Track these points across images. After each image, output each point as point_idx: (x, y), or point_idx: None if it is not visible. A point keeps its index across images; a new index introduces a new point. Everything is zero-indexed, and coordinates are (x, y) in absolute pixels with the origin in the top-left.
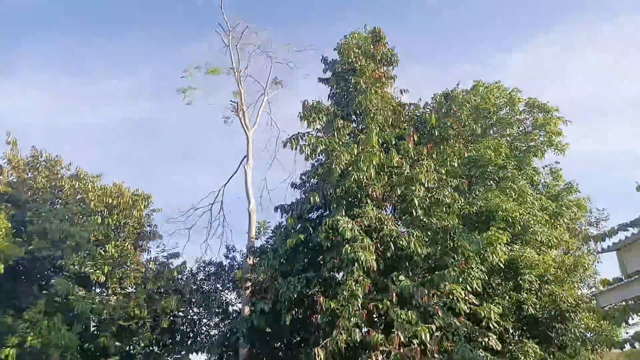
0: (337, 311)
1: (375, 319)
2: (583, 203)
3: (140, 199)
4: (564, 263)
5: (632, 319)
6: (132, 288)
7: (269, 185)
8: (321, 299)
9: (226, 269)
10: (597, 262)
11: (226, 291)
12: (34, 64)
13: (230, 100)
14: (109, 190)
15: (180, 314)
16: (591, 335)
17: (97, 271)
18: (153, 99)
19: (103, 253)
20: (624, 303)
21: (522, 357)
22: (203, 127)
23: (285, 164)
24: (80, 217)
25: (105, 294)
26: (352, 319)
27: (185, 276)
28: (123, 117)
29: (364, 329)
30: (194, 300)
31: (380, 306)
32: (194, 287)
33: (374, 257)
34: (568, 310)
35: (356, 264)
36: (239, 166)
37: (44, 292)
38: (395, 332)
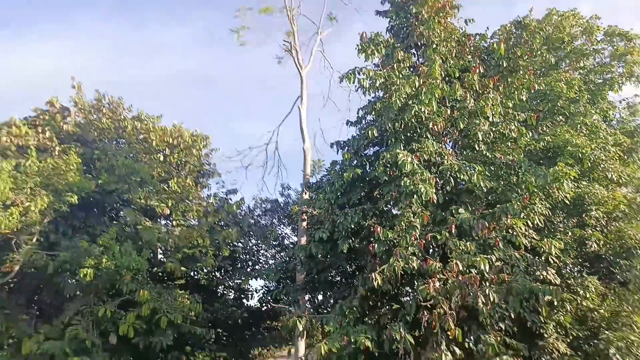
0: (395, 241)
1: (433, 250)
2: None
3: (199, 139)
4: (635, 200)
5: None
6: (194, 220)
7: (323, 126)
8: (378, 229)
9: (282, 205)
10: None
11: (282, 226)
12: (93, 15)
13: (284, 40)
14: (169, 131)
15: (240, 244)
16: None
17: (162, 204)
18: (207, 48)
19: (166, 188)
20: None
21: (582, 291)
22: (256, 74)
23: (340, 105)
24: (144, 155)
25: (170, 225)
26: (409, 248)
27: (244, 211)
28: (178, 68)
29: (421, 258)
30: (252, 232)
31: (439, 237)
32: (252, 221)
33: (434, 190)
34: (635, 247)
35: (415, 197)
36: (293, 106)
37: (114, 222)
38: (454, 261)
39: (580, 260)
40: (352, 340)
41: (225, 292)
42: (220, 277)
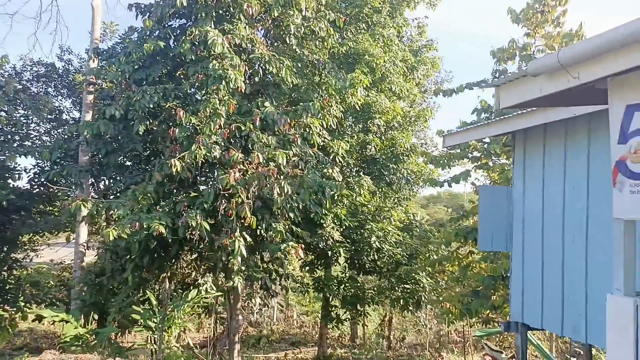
0: (197, 127)
1: (235, 140)
2: (437, 62)
3: None
4: (409, 113)
5: (454, 164)
6: None
7: None
8: (181, 112)
9: (60, 72)
10: (432, 118)
11: (59, 97)
12: None
13: None
14: None
15: (3, 113)
16: (414, 177)
17: None
18: None
19: None
20: (458, 149)
21: (357, 189)
22: None
23: None
24: None
25: None
26: (212, 137)
27: (8, 72)
28: None
29: (224, 148)
30: (19, 100)
31: (243, 128)
32: (19, 86)
33: (243, 79)
34: (402, 154)
35: (223, 82)
36: None
37: None
38: (255, 153)
39: (360, 161)
40: (145, 226)
41: None
42: None
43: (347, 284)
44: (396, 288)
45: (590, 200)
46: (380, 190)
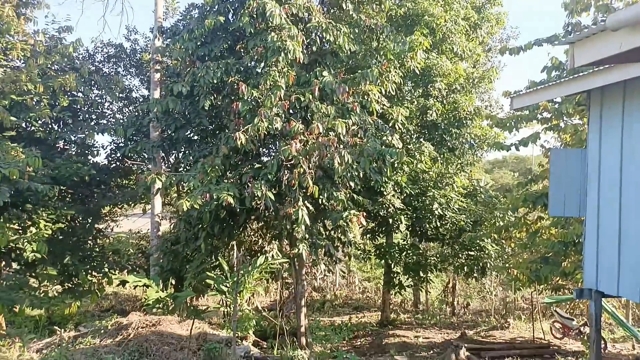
0: (259, 100)
1: (295, 112)
2: (502, 18)
3: None
4: (472, 75)
5: (522, 127)
6: (20, 62)
7: None
8: (243, 86)
9: (128, 52)
10: (497, 78)
11: (129, 76)
12: None
13: None
14: None
15: (80, 94)
16: (478, 141)
17: None
18: None
19: None
20: (526, 111)
21: (418, 155)
22: None
23: None
24: None
25: None
26: (273, 109)
27: (82, 55)
28: None
29: (285, 119)
30: (94, 81)
31: (302, 99)
32: (93, 68)
33: (301, 49)
34: (465, 117)
35: (282, 54)
36: None
37: None
38: (315, 124)
39: (420, 127)
40: (215, 197)
41: (66, 147)
42: (59, 130)
43: (409, 251)
44: (460, 255)
45: None
46: (442, 156)
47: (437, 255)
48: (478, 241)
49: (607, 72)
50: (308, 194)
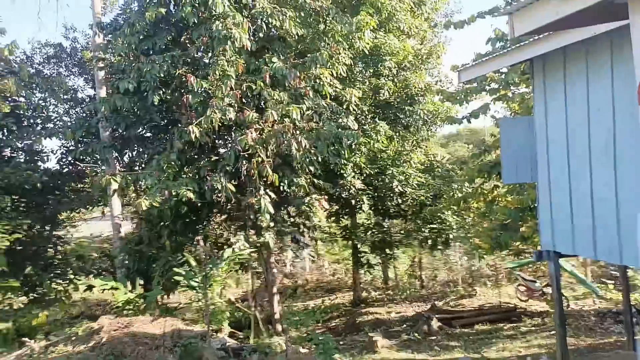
0: (210, 91)
1: (248, 100)
2: None
3: None
4: (420, 51)
5: (472, 99)
6: None
7: None
8: (191, 78)
9: (68, 51)
10: (444, 53)
11: (72, 76)
12: None
13: None
14: None
15: (22, 99)
16: (431, 117)
17: None
18: None
19: None
20: (475, 83)
21: (374, 135)
22: None
23: None
24: None
25: None
26: (225, 99)
27: (19, 58)
28: None
29: (238, 109)
30: (35, 84)
31: (254, 87)
32: (32, 70)
33: (247, 37)
34: (417, 94)
35: (229, 43)
36: None
37: None
38: (269, 111)
39: (373, 107)
40: (174, 193)
41: (13, 154)
42: (4, 137)
43: (373, 230)
44: (423, 229)
45: (617, 120)
46: (397, 134)
47: (401, 232)
48: (439, 214)
49: (547, 40)
50: (268, 182)
